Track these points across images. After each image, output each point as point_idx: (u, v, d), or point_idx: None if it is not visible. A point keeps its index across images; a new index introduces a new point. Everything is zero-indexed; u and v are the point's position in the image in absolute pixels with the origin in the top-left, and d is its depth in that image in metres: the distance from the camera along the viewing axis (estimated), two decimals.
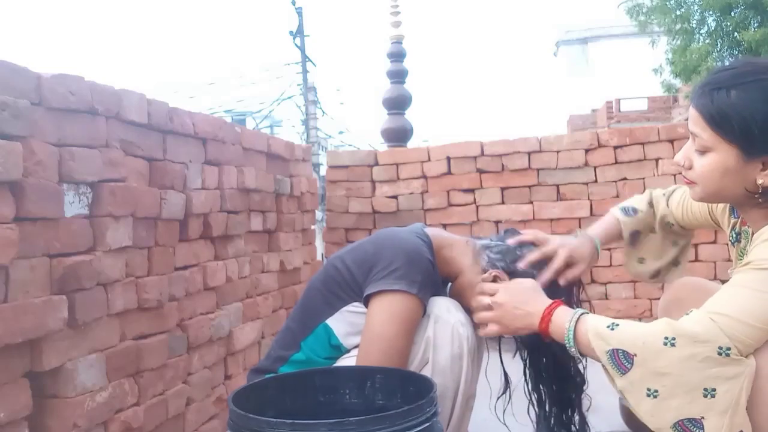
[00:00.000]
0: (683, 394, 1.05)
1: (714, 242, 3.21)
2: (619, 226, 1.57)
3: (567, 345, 1.18)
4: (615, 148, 3.38)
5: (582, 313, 1.19)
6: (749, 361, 1.05)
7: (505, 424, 1.57)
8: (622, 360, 1.10)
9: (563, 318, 1.19)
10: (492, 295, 1.32)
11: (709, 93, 1.13)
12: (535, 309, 1.24)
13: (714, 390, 1.04)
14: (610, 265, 3.38)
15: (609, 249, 3.40)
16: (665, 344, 1.06)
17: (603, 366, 1.15)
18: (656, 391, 1.07)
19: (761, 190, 1.13)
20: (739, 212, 1.31)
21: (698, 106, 1.15)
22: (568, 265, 1.45)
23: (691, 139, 1.19)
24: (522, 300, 1.27)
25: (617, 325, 1.13)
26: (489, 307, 1.32)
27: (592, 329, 1.14)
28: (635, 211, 1.59)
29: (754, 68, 1.13)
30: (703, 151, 1.16)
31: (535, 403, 1.58)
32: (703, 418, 1.05)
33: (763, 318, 1.05)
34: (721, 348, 1.03)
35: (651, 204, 1.61)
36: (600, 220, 1.65)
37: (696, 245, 3.19)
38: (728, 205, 1.36)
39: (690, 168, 1.20)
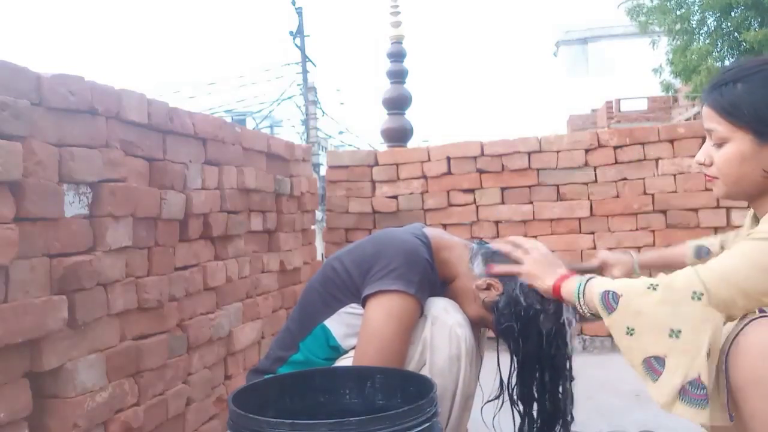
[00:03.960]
0: (652, 332, 1.15)
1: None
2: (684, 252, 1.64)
3: (576, 298, 1.32)
4: (615, 148, 3.37)
5: (593, 277, 1.33)
6: (719, 315, 1.12)
7: (493, 427, 1.56)
8: (610, 300, 1.22)
9: (576, 280, 1.35)
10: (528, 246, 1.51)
11: (718, 89, 1.23)
12: (559, 270, 1.42)
13: (679, 331, 1.12)
14: None
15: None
16: (648, 289, 1.17)
17: (598, 311, 1.25)
18: (633, 329, 1.17)
19: None
20: (756, 208, 1.32)
21: (710, 102, 1.24)
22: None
23: (708, 136, 1.27)
24: (552, 260, 1.46)
25: (618, 279, 1.27)
26: (524, 252, 1.49)
27: (597, 282, 1.29)
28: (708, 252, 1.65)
29: (755, 62, 1.24)
30: (720, 144, 1.24)
31: (519, 410, 1.54)
32: (666, 356, 1.13)
33: (740, 278, 1.11)
34: (695, 293, 1.12)
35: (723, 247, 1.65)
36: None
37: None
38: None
39: (711, 164, 1.27)
